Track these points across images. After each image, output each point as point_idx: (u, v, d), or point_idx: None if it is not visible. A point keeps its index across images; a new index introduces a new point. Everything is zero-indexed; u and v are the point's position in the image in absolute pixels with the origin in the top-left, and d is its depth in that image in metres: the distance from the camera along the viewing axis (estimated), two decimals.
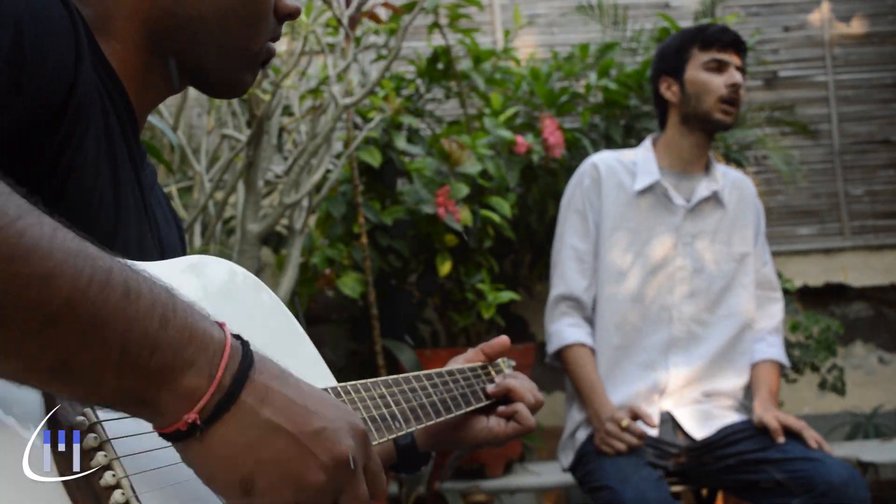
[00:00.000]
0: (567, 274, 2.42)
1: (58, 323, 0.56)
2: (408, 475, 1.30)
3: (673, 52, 2.46)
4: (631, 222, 2.41)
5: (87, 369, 0.59)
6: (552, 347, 2.39)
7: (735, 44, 2.40)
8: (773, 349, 2.42)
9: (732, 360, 2.38)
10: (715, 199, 2.43)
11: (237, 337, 0.68)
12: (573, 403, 2.43)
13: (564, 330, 2.38)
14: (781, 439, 2.15)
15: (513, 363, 1.38)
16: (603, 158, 2.50)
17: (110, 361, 0.59)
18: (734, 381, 2.36)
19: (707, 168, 2.47)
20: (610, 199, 2.42)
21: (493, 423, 1.24)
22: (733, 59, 2.38)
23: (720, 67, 2.37)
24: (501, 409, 1.24)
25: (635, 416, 2.18)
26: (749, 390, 2.40)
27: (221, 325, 0.67)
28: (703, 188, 2.42)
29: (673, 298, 2.37)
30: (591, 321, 2.41)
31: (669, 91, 2.44)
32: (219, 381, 0.64)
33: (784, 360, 2.43)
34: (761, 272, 2.49)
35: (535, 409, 1.26)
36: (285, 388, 0.67)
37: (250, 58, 0.93)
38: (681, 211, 2.40)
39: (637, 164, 2.45)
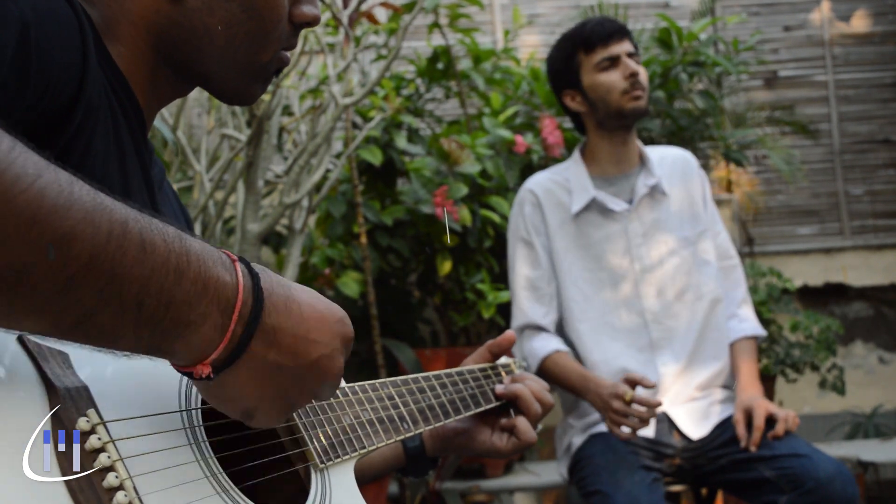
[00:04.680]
0: (523, 304, 2.41)
1: (79, 282, 0.57)
2: (415, 479, 1.29)
3: (562, 65, 2.45)
4: (579, 240, 2.40)
5: (106, 325, 0.60)
6: (533, 369, 2.36)
7: (616, 33, 2.38)
8: (745, 324, 2.41)
9: (712, 337, 2.37)
10: (655, 191, 2.43)
11: (246, 266, 0.69)
12: (568, 413, 2.43)
13: (535, 348, 2.36)
14: (750, 444, 2.16)
15: (524, 363, 1.36)
16: (538, 182, 2.49)
17: (128, 317, 0.61)
18: (720, 362, 2.36)
19: (642, 161, 2.47)
20: (554, 222, 2.42)
21: (496, 439, 1.23)
22: (622, 48, 2.36)
23: (612, 63, 2.36)
24: (503, 422, 1.23)
25: (633, 384, 2.14)
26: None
27: (233, 261, 0.69)
28: (641, 186, 2.41)
29: (641, 302, 2.36)
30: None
31: (575, 102, 2.44)
32: (231, 333, 0.66)
33: (760, 331, 2.42)
34: (716, 242, 2.48)
35: (541, 415, 1.25)
36: (289, 321, 0.70)
37: (258, 69, 0.92)
38: (623, 216, 2.40)
39: (570, 179, 2.44)
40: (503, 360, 1.31)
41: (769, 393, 3.60)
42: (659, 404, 2.12)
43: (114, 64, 0.84)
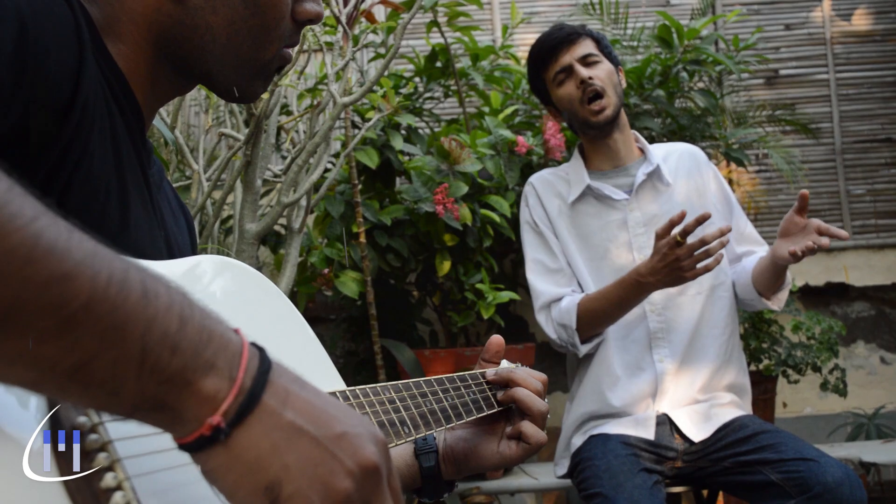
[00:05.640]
0: (539, 286, 2.39)
1: (77, 324, 0.54)
2: (431, 500, 1.25)
3: (535, 85, 2.52)
4: (578, 229, 2.41)
5: (107, 373, 0.56)
6: (573, 328, 2.30)
7: (562, 42, 2.39)
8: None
9: (710, 334, 2.34)
10: (655, 180, 2.42)
11: (252, 343, 0.66)
12: (569, 415, 2.41)
13: (563, 308, 2.32)
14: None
15: (520, 365, 1.34)
16: (538, 176, 2.53)
17: (131, 364, 0.57)
18: (718, 361, 2.33)
19: (643, 153, 2.47)
20: (554, 212, 2.45)
21: (504, 448, 1.20)
22: (572, 56, 2.37)
23: (568, 74, 2.38)
24: (508, 430, 1.21)
25: (669, 230, 2.08)
26: (739, 380, 2.38)
27: (236, 331, 0.65)
28: (639, 175, 2.41)
29: None
30: None
31: (557, 117, 2.53)
32: (240, 383, 0.61)
33: None
34: (746, 233, 2.47)
35: (546, 412, 1.22)
36: (304, 390, 0.65)
37: (260, 67, 0.92)
38: (623, 205, 2.39)
39: (570, 173, 2.48)
40: (505, 364, 1.29)
41: (770, 393, 3.58)
42: (708, 216, 2.04)
43: (113, 62, 0.83)
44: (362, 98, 2.63)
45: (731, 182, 4.67)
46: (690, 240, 2.07)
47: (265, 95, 2.36)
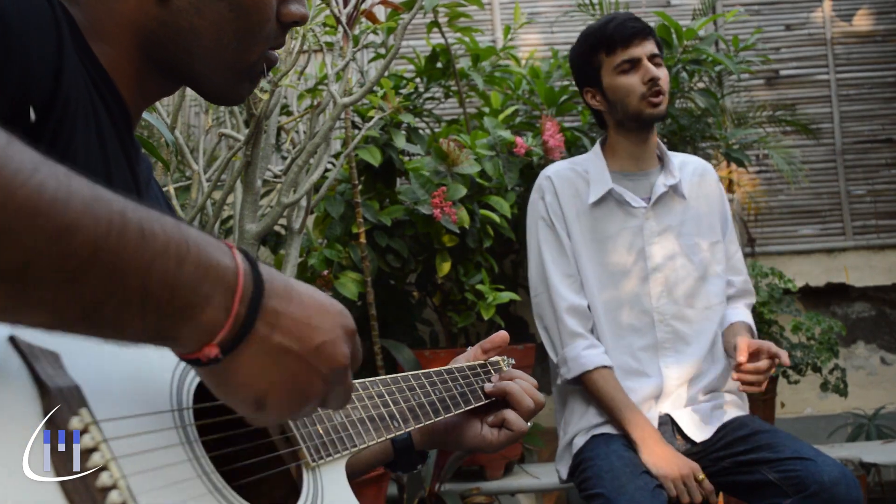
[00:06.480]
0: (560, 290, 2.36)
1: (83, 274, 0.57)
2: (404, 473, 1.29)
3: (584, 63, 2.43)
4: (594, 232, 2.38)
5: (112, 316, 0.60)
6: (571, 373, 2.31)
7: (638, 34, 2.35)
8: (748, 318, 2.39)
9: (719, 345, 2.36)
10: (674, 192, 2.41)
11: (244, 255, 0.70)
12: (571, 415, 2.40)
13: (581, 354, 2.30)
14: (742, 358, 2.09)
15: (512, 361, 1.36)
16: (556, 170, 2.47)
17: (133, 306, 0.60)
18: (723, 363, 2.35)
19: (662, 161, 2.46)
20: (570, 211, 2.40)
21: (486, 432, 1.23)
22: (643, 50, 2.34)
23: (633, 66, 2.34)
24: (492, 418, 1.23)
25: (699, 471, 2.13)
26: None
27: (230, 248, 0.69)
28: (659, 184, 2.40)
29: (651, 301, 2.33)
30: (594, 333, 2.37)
31: (595, 101, 2.44)
32: (235, 314, 0.66)
33: (754, 329, 2.40)
34: (734, 259, 2.47)
35: (534, 412, 1.24)
36: (290, 306, 0.70)
37: (246, 69, 0.92)
38: (641, 212, 2.38)
39: (590, 171, 2.43)
40: (493, 357, 1.30)
41: (770, 394, 3.58)
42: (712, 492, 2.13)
43: (97, 62, 0.84)
44: (362, 98, 2.63)
45: (731, 182, 4.68)
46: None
47: (265, 96, 2.36)
